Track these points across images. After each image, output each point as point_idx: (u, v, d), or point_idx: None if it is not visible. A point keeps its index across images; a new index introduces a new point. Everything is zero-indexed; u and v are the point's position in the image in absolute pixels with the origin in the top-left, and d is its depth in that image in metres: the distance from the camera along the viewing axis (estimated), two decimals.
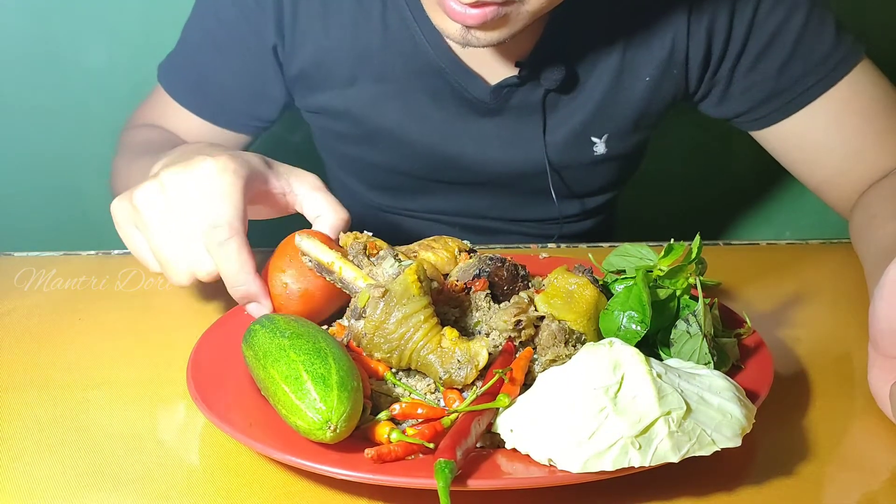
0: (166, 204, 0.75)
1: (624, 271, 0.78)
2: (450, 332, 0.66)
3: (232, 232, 0.73)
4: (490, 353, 0.65)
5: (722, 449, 0.58)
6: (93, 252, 1.04)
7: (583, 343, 0.69)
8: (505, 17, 0.85)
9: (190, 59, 1.09)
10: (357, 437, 0.61)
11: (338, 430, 0.58)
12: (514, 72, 1.00)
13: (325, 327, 0.75)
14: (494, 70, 1.01)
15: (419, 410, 0.64)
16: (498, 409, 0.62)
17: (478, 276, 0.74)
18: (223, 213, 0.74)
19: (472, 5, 0.82)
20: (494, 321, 0.70)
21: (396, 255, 0.71)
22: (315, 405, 0.58)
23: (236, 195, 0.75)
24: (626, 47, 1.02)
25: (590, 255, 0.81)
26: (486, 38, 0.87)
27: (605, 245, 1.05)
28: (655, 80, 1.04)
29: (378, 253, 0.74)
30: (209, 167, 0.75)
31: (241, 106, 1.09)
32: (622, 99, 1.04)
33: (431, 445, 0.59)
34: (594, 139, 1.06)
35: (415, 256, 0.79)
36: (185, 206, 0.74)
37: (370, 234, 0.77)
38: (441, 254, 0.80)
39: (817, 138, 1.04)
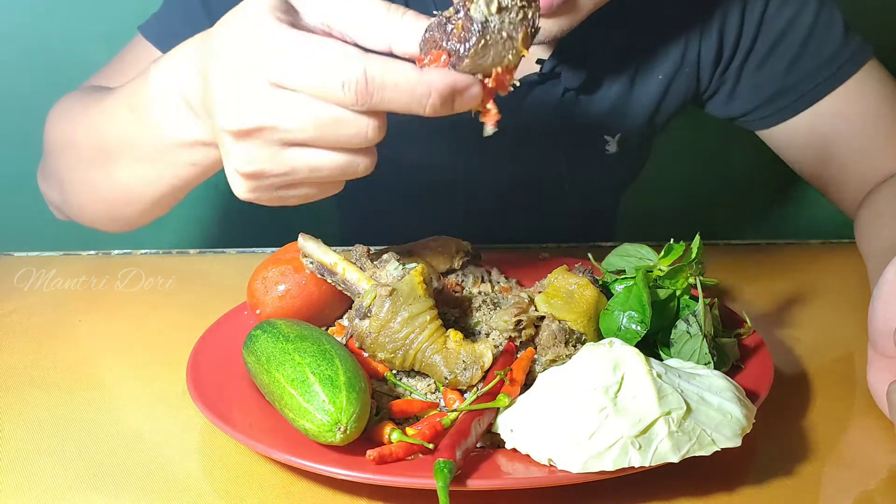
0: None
1: (624, 271, 0.78)
2: (454, 334, 0.66)
3: (348, 62, 0.56)
4: (493, 355, 0.66)
5: (722, 449, 0.58)
6: (93, 252, 1.04)
7: (583, 343, 0.69)
8: (568, 3, 0.83)
9: (190, 19, 1.01)
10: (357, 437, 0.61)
11: (348, 432, 0.58)
12: (535, 69, 1.00)
13: (323, 328, 0.75)
14: None
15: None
16: (498, 409, 0.62)
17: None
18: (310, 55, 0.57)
19: None
20: (495, 321, 0.70)
21: (399, 258, 0.72)
22: (324, 407, 0.58)
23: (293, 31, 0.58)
24: (641, 47, 1.03)
25: (590, 255, 0.81)
26: (545, 30, 0.84)
27: (605, 245, 1.05)
28: (668, 79, 1.04)
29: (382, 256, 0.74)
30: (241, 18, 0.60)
31: None
32: (636, 98, 1.05)
33: (431, 446, 0.59)
34: (607, 137, 1.07)
35: (409, 253, 0.79)
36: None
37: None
38: (440, 252, 0.80)
39: (824, 137, 1.04)
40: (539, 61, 0.99)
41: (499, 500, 0.60)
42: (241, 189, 0.62)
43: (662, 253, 0.75)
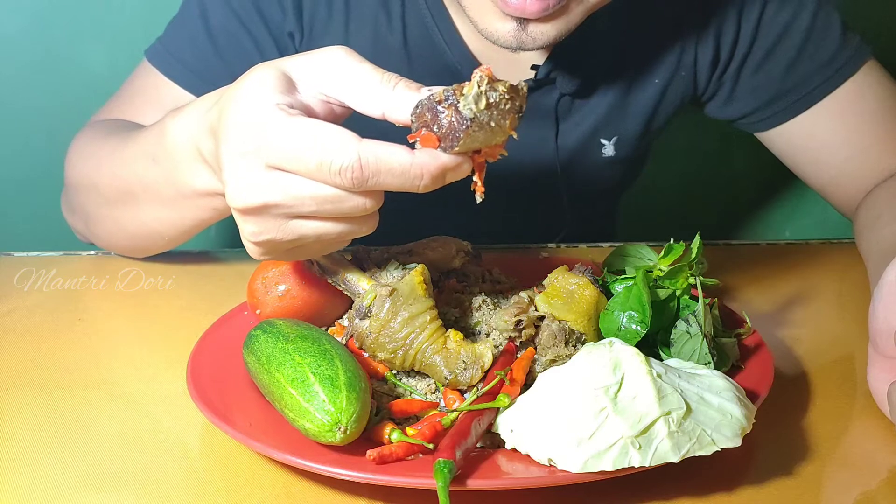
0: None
1: (624, 271, 0.78)
2: (454, 335, 0.66)
3: (343, 149, 0.58)
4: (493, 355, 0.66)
5: (722, 449, 0.58)
6: (93, 252, 1.04)
7: (583, 343, 0.69)
8: (564, 7, 0.83)
9: (194, 43, 1.03)
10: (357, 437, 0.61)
11: (348, 432, 0.58)
12: (530, 75, 1.00)
13: (323, 328, 0.75)
14: (510, 74, 1.01)
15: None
16: (498, 409, 0.62)
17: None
18: (306, 141, 0.59)
19: None
20: (495, 321, 0.70)
21: (399, 258, 0.72)
22: (324, 407, 0.58)
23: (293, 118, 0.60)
24: (637, 51, 1.02)
25: (590, 256, 0.81)
26: (542, 35, 0.85)
27: (605, 245, 1.05)
28: (665, 83, 1.04)
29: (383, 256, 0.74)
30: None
31: None
32: (633, 102, 1.05)
33: (431, 446, 0.59)
34: (603, 141, 1.07)
35: (409, 253, 0.79)
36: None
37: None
38: (440, 252, 0.80)
39: (822, 139, 1.04)
40: (534, 67, 0.99)
41: (499, 500, 0.60)
42: (255, 253, 0.66)
43: (662, 253, 0.75)
